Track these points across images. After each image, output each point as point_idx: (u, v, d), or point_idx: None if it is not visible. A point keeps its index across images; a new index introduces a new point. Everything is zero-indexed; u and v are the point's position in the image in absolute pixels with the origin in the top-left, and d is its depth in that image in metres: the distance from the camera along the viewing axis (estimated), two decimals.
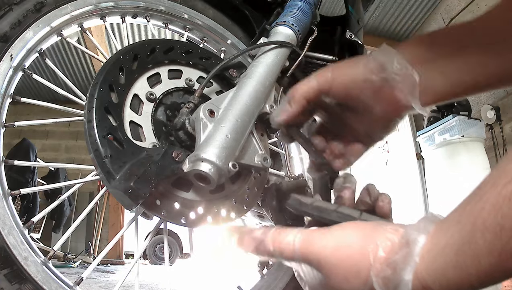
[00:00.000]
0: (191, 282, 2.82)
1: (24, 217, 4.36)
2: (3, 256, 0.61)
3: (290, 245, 0.42)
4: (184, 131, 0.73)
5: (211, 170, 0.63)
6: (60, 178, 5.33)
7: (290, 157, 1.09)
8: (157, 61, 0.80)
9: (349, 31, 1.06)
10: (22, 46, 0.74)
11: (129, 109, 0.72)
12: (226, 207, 0.75)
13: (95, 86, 0.68)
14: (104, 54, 0.99)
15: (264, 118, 0.82)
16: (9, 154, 4.33)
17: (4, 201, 0.65)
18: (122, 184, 0.60)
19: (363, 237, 0.38)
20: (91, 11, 0.87)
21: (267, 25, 1.01)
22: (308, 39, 1.00)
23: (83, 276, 0.69)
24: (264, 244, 0.44)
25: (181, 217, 0.69)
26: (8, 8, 0.73)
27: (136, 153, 0.65)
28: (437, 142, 3.98)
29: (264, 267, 0.95)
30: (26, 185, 4.23)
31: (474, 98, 4.34)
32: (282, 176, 1.07)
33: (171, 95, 0.81)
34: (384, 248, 0.36)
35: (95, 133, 0.64)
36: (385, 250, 0.36)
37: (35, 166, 4.63)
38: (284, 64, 0.90)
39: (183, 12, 1.01)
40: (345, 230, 0.41)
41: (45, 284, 0.64)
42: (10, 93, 0.73)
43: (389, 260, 0.35)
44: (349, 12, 1.11)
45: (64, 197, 0.89)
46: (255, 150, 0.75)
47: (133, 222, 0.77)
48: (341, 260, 0.38)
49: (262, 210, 0.95)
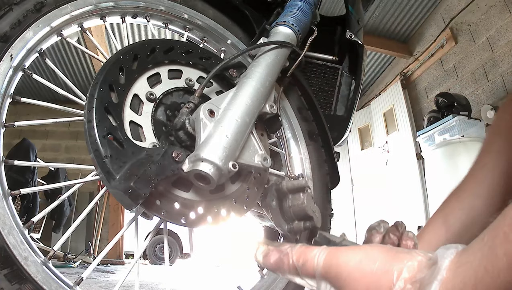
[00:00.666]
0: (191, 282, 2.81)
1: (24, 217, 4.36)
2: (3, 256, 0.61)
3: (314, 258, 0.42)
4: (184, 131, 0.73)
5: (211, 170, 0.63)
6: (60, 178, 5.33)
7: (290, 157, 1.09)
8: (157, 61, 0.80)
9: (349, 31, 1.06)
10: (22, 46, 0.74)
11: (129, 109, 0.72)
12: (226, 207, 0.75)
13: (95, 86, 0.68)
14: (104, 54, 0.99)
15: (264, 118, 0.82)
16: (9, 154, 4.32)
17: (4, 201, 0.65)
18: (122, 184, 0.60)
19: (388, 256, 0.38)
20: (91, 11, 0.87)
21: (267, 25, 1.01)
22: (308, 39, 1.00)
23: (83, 276, 0.69)
24: (289, 256, 0.44)
25: (181, 217, 0.69)
26: (8, 8, 0.73)
27: (136, 153, 0.65)
28: (437, 142, 3.98)
29: (264, 267, 0.94)
30: (26, 185, 4.22)
31: (474, 98, 4.35)
32: (282, 176, 1.07)
33: (171, 95, 0.81)
34: (410, 268, 0.36)
35: (95, 133, 0.64)
36: (410, 270, 0.36)
37: (35, 166, 4.63)
38: (284, 64, 0.90)
39: (183, 12, 1.01)
40: (372, 248, 0.41)
41: (45, 284, 0.64)
42: (10, 93, 0.73)
43: (414, 279, 0.35)
44: (349, 12, 1.11)
45: (64, 197, 0.89)
46: (255, 149, 0.75)
47: (133, 222, 0.77)
48: (363, 275, 0.37)
49: (262, 210, 0.95)
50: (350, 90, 1.26)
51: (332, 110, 1.25)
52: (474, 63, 4.47)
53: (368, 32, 5.23)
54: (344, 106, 1.25)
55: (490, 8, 4.25)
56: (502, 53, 4.08)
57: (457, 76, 4.74)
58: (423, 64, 5.33)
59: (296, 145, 1.09)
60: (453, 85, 4.76)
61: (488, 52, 4.28)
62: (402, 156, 5.43)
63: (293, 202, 0.81)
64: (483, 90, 4.33)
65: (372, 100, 6.31)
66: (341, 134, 1.21)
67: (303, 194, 0.80)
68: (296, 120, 1.09)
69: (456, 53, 4.76)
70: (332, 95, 1.25)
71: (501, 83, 4.05)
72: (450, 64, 4.85)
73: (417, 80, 5.53)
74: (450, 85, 4.80)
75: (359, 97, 1.27)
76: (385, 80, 6.24)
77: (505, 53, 4.05)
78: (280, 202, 0.83)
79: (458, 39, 4.72)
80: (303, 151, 1.08)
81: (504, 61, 4.05)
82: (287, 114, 1.09)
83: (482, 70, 4.36)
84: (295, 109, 1.10)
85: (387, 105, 5.91)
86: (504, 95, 3.97)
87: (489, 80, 4.26)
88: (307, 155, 1.08)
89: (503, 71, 4.06)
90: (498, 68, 4.12)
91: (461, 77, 4.66)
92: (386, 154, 5.79)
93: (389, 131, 5.85)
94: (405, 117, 5.50)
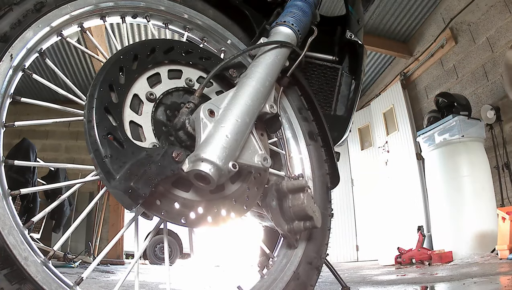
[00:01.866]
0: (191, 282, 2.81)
1: (24, 217, 4.36)
2: (3, 256, 0.61)
3: None
4: (184, 131, 0.73)
5: (211, 170, 0.63)
6: (60, 178, 5.33)
7: (290, 157, 1.09)
8: (157, 61, 0.80)
9: (349, 31, 1.06)
10: (22, 46, 0.74)
11: (129, 109, 0.72)
12: (226, 207, 0.75)
13: (95, 86, 0.68)
14: (104, 54, 0.99)
15: (264, 118, 0.82)
16: (9, 154, 4.32)
17: (4, 201, 0.65)
18: (122, 184, 0.60)
19: None
20: (91, 11, 0.87)
21: (267, 25, 1.01)
22: (308, 39, 1.00)
23: (83, 276, 0.69)
24: None
25: (181, 217, 0.69)
26: (8, 8, 0.73)
27: (136, 153, 0.65)
28: (437, 142, 3.98)
29: (264, 267, 0.95)
30: (26, 185, 4.22)
31: (474, 98, 4.35)
32: (282, 176, 1.07)
33: (171, 95, 0.81)
34: None
35: (95, 133, 0.64)
36: None
37: (35, 166, 4.63)
38: (284, 64, 0.90)
39: (183, 12, 1.01)
40: None
41: (45, 284, 0.63)
42: (10, 93, 0.73)
43: None
44: (349, 12, 1.11)
45: (64, 197, 0.89)
46: (255, 149, 0.75)
47: (133, 222, 0.77)
48: None
49: (262, 210, 0.95)
50: (350, 90, 1.26)
51: (332, 110, 1.25)
52: (474, 63, 4.47)
53: (368, 32, 5.23)
54: (344, 106, 1.26)
55: (490, 8, 4.25)
56: (502, 53, 4.08)
57: (457, 76, 4.74)
58: (423, 64, 5.33)
59: (296, 145, 1.09)
60: (453, 85, 4.76)
61: (488, 52, 4.28)
62: (402, 156, 5.44)
63: (293, 202, 0.81)
64: (483, 90, 4.33)
65: (372, 100, 6.31)
66: (341, 134, 1.21)
67: (303, 194, 0.80)
68: (296, 120, 1.09)
69: (456, 53, 4.76)
70: (332, 95, 1.26)
71: (501, 83, 4.05)
72: (450, 64, 4.85)
73: (417, 80, 5.53)
74: (450, 85, 4.80)
75: (359, 97, 1.27)
76: (385, 80, 6.25)
77: (505, 53, 4.05)
78: (280, 202, 0.83)
79: (458, 39, 4.72)
80: (303, 151, 1.08)
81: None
82: (287, 114, 1.09)
83: (482, 70, 4.36)
84: (295, 109, 1.10)
85: (387, 105, 5.91)
86: (504, 95, 3.97)
87: (489, 80, 4.26)
88: (307, 155, 1.08)
89: (503, 71, 4.05)
90: (498, 68, 4.12)
91: (461, 77, 4.66)
92: (386, 154, 5.79)
93: (389, 131, 5.85)
94: (405, 117, 5.50)
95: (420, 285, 1.89)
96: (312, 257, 0.98)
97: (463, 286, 1.60)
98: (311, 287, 0.95)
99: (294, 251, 0.95)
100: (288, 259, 0.94)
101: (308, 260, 0.96)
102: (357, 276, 3.03)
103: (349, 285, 1.86)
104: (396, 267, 3.97)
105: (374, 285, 2.08)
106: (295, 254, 0.95)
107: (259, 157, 0.75)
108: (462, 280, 1.87)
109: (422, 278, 2.31)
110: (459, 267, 2.86)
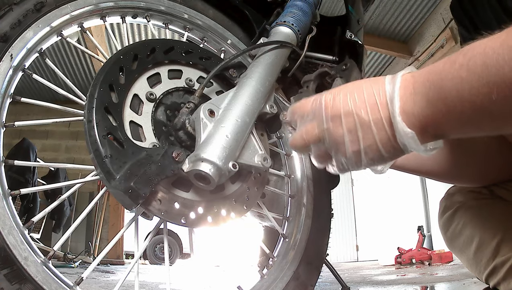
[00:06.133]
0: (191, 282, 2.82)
1: (24, 217, 4.36)
2: (3, 256, 0.61)
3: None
4: (184, 131, 0.73)
5: (211, 170, 0.64)
6: (60, 178, 5.32)
7: (290, 157, 1.09)
8: (157, 61, 0.80)
9: (349, 31, 1.06)
10: (22, 46, 0.74)
11: (129, 109, 0.72)
12: (226, 207, 0.75)
13: (95, 86, 0.68)
14: (104, 54, 0.99)
15: (264, 118, 0.82)
16: (9, 154, 4.32)
17: (4, 201, 0.65)
18: (122, 184, 0.60)
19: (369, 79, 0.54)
20: (91, 11, 0.87)
21: (267, 25, 1.00)
22: (308, 39, 1.00)
23: (83, 276, 0.69)
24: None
25: (181, 217, 0.69)
26: (8, 8, 0.73)
27: (136, 153, 0.65)
28: None
29: (264, 267, 0.95)
30: (26, 185, 4.22)
31: None
32: (282, 176, 1.07)
33: (171, 95, 0.81)
34: (389, 77, 0.52)
35: (95, 133, 0.64)
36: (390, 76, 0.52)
37: (35, 166, 4.63)
38: (284, 64, 0.90)
39: (183, 12, 1.01)
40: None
41: (45, 284, 0.64)
42: (10, 93, 0.73)
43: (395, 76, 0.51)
44: (349, 12, 1.11)
45: (64, 197, 0.89)
46: (255, 149, 0.75)
47: (133, 222, 0.77)
48: (361, 82, 0.53)
49: (262, 210, 0.95)
50: None
51: None
52: None
53: (368, 32, 5.23)
54: None
55: None
56: None
57: None
58: (423, 64, 5.33)
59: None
60: None
61: None
62: None
63: None
64: None
65: None
66: None
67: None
68: None
69: None
70: None
71: None
72: None
73: None
74: None
75: None
76: None
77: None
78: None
79: (458, 39, 4.72)
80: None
81: None
82: None
83: None
84: None
85: None
86: None
87: None
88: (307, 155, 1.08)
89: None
90: None
91: None
92: None
93: None
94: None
95: (420, 285, 1.89)
96: (312, 257, 0.98)
97: (463, 286, 1.60)
98: (311, 287, 0.95)
99: (294, 251, 0.95)
100: (288, 259, 0.94)
101: (308, 260, 0.96)
102: (357, 276, 3.04)
103: (349, 285, 1.86)
104: (396, 267, 3.97)
105: (374, 285, 2.08)
106: (295, 253, 0.95)
107: (259, 157, 0.75)
108: (462, 280, 1.87)
109: (422, 278, 2.31)
110: (459, 267, 2.86)
